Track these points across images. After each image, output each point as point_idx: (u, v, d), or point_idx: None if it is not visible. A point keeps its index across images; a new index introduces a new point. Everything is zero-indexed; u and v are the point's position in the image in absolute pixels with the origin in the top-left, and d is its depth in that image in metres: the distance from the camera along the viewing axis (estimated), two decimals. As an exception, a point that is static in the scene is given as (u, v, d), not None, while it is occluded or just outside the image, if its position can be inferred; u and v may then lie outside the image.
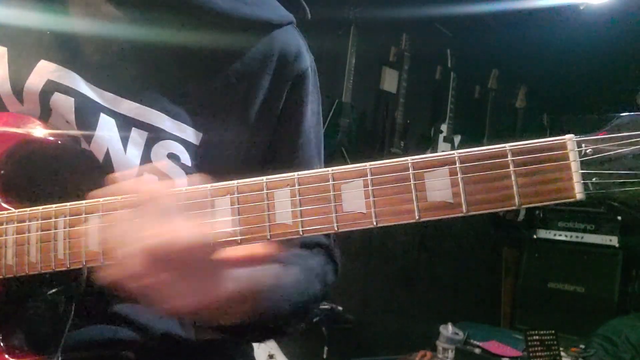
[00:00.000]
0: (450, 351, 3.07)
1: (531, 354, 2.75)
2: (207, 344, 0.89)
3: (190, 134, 0.79)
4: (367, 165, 0.51)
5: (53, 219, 0.61)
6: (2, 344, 0.68)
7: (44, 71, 0.75)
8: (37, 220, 0.62)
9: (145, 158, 0.77)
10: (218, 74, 0.83)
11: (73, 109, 0.74)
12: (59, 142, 0.74)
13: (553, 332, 2.82)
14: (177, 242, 0.54)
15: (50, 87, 0.75)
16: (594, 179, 0.47)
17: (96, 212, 0.59)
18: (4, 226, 0.64)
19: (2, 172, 0.71)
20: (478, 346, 3.16)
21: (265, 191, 0.53)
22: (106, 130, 0.75)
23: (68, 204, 0.60)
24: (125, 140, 0.76)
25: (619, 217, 3.72)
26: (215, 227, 0.55)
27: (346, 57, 3.32)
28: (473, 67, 4.18)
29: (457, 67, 4.01)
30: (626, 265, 3.62)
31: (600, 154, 0.46)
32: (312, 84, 0.92)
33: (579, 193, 0.47)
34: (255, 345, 0.95)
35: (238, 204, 0.54)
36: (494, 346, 3.17)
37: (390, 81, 3.76)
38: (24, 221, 0.63)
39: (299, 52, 0.90)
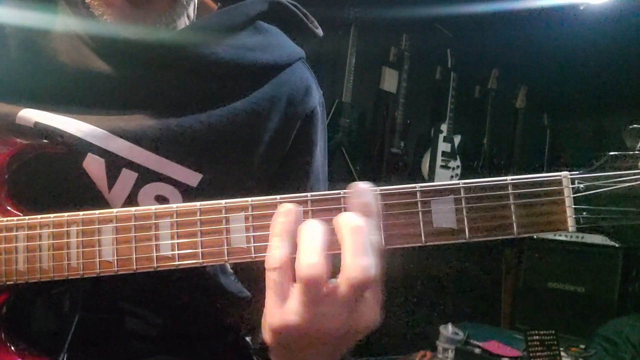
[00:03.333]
0: (450, 351, 3.08)
1: (531, 354, 2.76)
2: (207, 340, 0.89)
3: (187, 176, 0.77)
4: (377, 189, 0.53)
5: (65, 228, 0.61)
6: (12, 348, 0.68)
7: (28, 116, 0.73)
8: (49, 227, 0.62)
9: (132, 199, 0.75)
10: (221, 115, 0.80)
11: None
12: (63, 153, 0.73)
13: (553, 332, 2.82)
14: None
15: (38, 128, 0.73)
16: (584, 213, 0.51)
17: (109, 222, 0.59)
18: (14, 232, 0.64)
19: (6, 177, 0.70)
20: (478, 346, 3.17)
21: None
22: (93, 171, 0.73)
23: (81, 212, 0.60)
24: (112, 181, 0.74)
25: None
26: None
27: (346, 57, 3.33)
28: (473, 67, 4.18)
29: (457, 67, 4.02)
30: (626, 265, 3.61)
31: (592, 191, 0.51)
32: (321, 120, 0.91)
33: (571, 226, 0.51)
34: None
35: (252, 221, 0.55)
36: (494, 346, 3.18)
37: (390, 81, 3.76)
38: (34, 228, 0.63)
39: (308, 90, 0.88)
